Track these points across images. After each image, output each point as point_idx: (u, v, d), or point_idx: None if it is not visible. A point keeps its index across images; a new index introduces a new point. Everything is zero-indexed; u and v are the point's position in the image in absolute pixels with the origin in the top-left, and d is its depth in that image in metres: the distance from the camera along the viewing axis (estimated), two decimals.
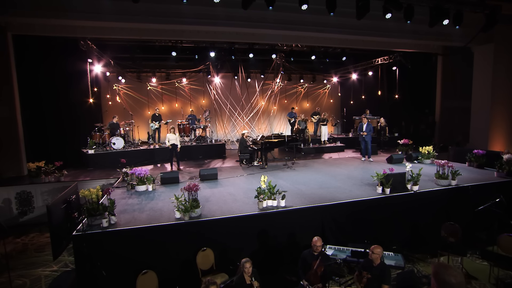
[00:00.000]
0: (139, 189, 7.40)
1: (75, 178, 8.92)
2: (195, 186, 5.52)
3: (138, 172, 7.35)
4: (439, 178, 7.23)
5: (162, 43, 12.30)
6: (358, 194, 6.69)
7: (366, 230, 6.32)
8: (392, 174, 6.67)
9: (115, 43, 12.55)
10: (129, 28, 9.35)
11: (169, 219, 5.41)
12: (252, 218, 5.63)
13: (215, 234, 5.40)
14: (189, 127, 13.14)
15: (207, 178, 8.31)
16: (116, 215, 5.38)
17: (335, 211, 6.17)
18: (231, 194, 6.96)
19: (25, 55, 9.89)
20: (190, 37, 10.40)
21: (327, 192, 6.93)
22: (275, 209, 5.84)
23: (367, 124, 10.51)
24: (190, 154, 12.47)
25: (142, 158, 11.61)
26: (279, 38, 10.98)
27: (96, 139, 11.34)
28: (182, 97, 17.17)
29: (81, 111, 11.73)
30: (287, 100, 19.08)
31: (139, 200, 6.64)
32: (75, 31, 9.04)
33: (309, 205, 6.06)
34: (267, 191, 5.96)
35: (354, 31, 10.20)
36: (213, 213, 5.66)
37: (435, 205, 6.86)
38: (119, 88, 15.93)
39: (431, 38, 11.51)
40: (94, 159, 10.74)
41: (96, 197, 5.24)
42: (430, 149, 9.92)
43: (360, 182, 7.77)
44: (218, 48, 12.65)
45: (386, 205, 6.55)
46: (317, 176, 8.55)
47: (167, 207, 6.07)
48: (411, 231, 6.66)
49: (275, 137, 10.25)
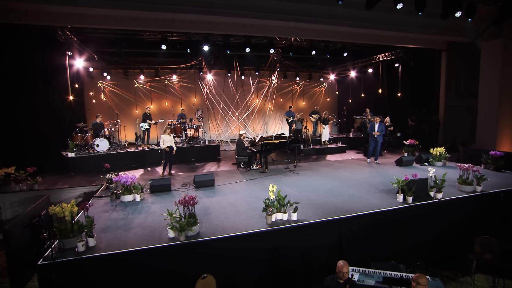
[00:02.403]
0: (125, 199, 6.41)
1: (51, 186, 7.85)
2: (192, 199, 4.61)
3: (124, 180, 6.36)
4: (462, 183, 6.52)
5: (150, 36, 11.25)
6: (377, 204, 5.90)
7: (387, 244, 5.57)
8: (415, 181, 5.91)
9: (98, 35, 11.42)
10: (113, 17, 8.31)
11: (161, 239, 4.48)
12: (260, 236, 4.76)
13: (217, 257, 4.50)
14: (180, 127, 12.15)
15: (203, 185, 7.39)
16: (96, 235, 4.41)
17: (354, 224, 5.36)
18: (232, 204, 6.07)
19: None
20: (182, 28, 9.41)
21: (340, 201, 6.12)
22: (286, 224, 4.99)
23: (380, 124, 9.77)
24: (181, 156, 11.48)
25: (130, 161, 10.57)
26: (279, 30, 10.12)
27: (78, 140, 10.24)
28: (173, 95, 16.16)
29: (61, 110, 10.58)
30: (282, 99, 18.28)
31: (125, 214, 5.67)
32: (50, 19, 7.92)
33: (325, 218, 5.24)
34: (276, 202, 5.10)
35: (361, 23, 9.52)
36: (213, 231, 4.76)
37: (461, 215, 6.14)
38: (104, 86, 14.80)
39: (438, 33, 10.96)
40: (75, 163, 9.64)
41: (69, 214, 4.27)
42: (442, 150, 9.26)
43: (375, 188, 7.00)
44: (212, 42, 11.67)
45: (408, 216, 5.80)
46: (325, 182, 7.74)
47: (158, 222, 5.14)
48: (435, 244, 5.93)
49: (275, 138, 9.39)
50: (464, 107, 12.68)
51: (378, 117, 10.16)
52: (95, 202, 6.48)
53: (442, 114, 13.27)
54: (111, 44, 11.93)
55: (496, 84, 11.03)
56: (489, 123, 11.25)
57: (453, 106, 13.08)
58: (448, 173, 6.81)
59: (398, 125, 14.22)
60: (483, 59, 11.43)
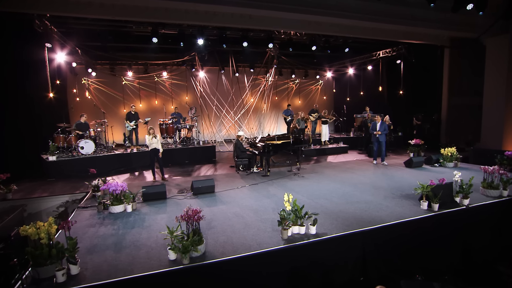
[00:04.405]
0: (114, 210, 5.60)
1: (28, 195, 6.93)
2: (196, 213, 3.87)
3: (113, 188, 5.55)
4: (487, 188, 6.00)
5: (140, 27, 10.38)
6: (401, 212, 5.30)
7: (411, 257, 4.98)
8: (441, 186, 5.35)
9: (81, 27, 10.45)
10: (99, 4, 7.44)
11: (160, 262, 3.73)
12: (277, 255, 4.07)
13: (228, 281, 3.79)
14: (173, 127, 11.31)
15: (202, 192, 6.64)
16: (79, 260, 3.62)
17: (378, 236, 4.74)
18: (238, 215, 5.35)
19: None
20: (176, 19, 8.58)
21: (359, 209, 5.49)
22: (305, 239, 4.31)
23: (381, 123, 9.27)
24: (174, 158, 10.69)
25: (118, 164, 9.69)
26: (281, 23, 9.43)
27: (60, 142, 9.29)
28: (163, 93, 15.23)
29: (41, 108, 9.57)
30: (277, 97, 17.62)
31: (115, 229, 4.87)
32: (25, 5, 6.98)
33: (347, 230, 4.59)
34: (293, 214, 4.42)
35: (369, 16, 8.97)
36: (221, 249, 4.04)
37: (488, 222, 5.62)
38: (89, 83, 13.77)
39: (445, 28, 10.57)
40: (56, 167, 8.69)
41: (46, 236, 3.47)
42: (453, 151, 8.79)
43: (391, 193, 6.41)
44: (207, 36, 10.86)
45: (434, 225, 5.23)
46: (336, 186, 7.11)
47: (156, 239, 4.38)
48: (462, 257, 5.38)
49: (278, 139, 8.70)
50: (467, 105, 12.32)
51: (379, 115, 9.66)
52: (80, 213, 5.66)
53: (445, 113, 12.87)
54: (96, 37, 10.99)
55: (502, 81, 10.65)
56: (495, 122, 10.88)
57: (455, 105, 12.69)
58: (462, 175, 6.23)
59: (399, 124, 13.78)
60: (489, 55, 11.05)
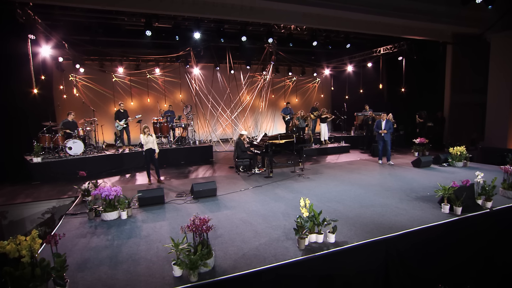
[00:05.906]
0: (108, 217, 5.05)
1: (10, 200, 6.28)
2: (204, 223, 3.37)
3: (106, 193, 4.99)
4: (508, 189, 5.68)
5: (132, 19, 9.75)
6: (421, 216, 4.91)
7: (432, 264, 4.60)
8: (465, 188, 4.97)
9: (69, 19, 9.75)
10: None
11: (163, 280, 3.23)
12: (295, 268, 3.60)
13: None
14: (167, 126, 10.73)
15: (203, 195, 6.13)
16: (68, 280, 3.08)
17: (402, 244, 4.32)
18: (245, 222, 4.87)
19: None
20: (171, 9, 8.03)
21: (375, 213, 5.07)
22: (324, 248, 3.86)
23: (386, 121, 8.91)
24: (169, 159, 10.13)
25: (109, 166, 9.09)
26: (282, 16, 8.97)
27: (45, 142, 8.62)
28: (155, 90, 14.64)
29: (24, 105, 8.85)
30: (274, 95, 17.19)
31: (109, 239, 4.32)
32: None
33: (369, 238, 4.16)
34: (310, 222, 3.96)
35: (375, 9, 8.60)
36: (232, 263, 3.55)
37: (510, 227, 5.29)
38: (77, 79, 13.06)
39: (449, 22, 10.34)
40: (41, 169, 8.02)
41: (28, 253, 2.92)
42: (463, 150, 8.49)
43: (406, 196, 6.02)
44: (203, 30, 10.32)
45: (457, 229, 4.85)
46: (345, 188, 6.69)
47: (156, 251, 3.87)
48: (485, 265, 5.03)
49: (281, 138, 8.24)
50: (470, 103, 12.10)
51: (384, 113, 9.25)
52: (68, 221, 5.09)
53: (447, 111, 12.63)
54: (84, 30, 10.32)
55: (508, 78, 10.44)
56: (500, 120, 10.68)
57: (458, 103, 12.45)
58: (473, 175, 5.88)
59: (400, 122, 13.48)
60: (493, 51, 10.82)
